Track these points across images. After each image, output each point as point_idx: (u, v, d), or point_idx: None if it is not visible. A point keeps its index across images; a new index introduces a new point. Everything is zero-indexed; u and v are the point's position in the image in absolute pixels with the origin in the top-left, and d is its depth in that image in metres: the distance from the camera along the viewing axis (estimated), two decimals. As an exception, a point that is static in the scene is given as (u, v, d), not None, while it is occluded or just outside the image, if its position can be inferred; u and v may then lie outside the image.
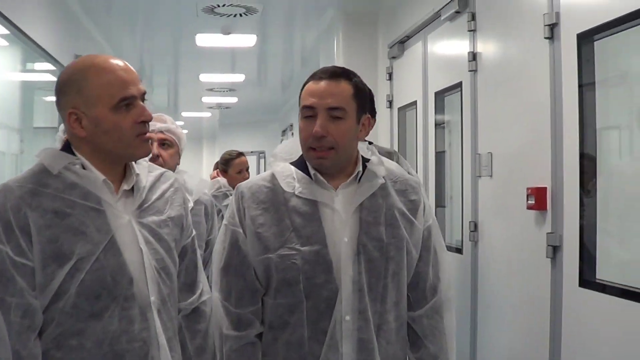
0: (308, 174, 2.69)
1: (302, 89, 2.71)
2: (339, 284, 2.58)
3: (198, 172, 22.34)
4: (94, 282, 2.30)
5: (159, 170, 2.65)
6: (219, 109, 18.39)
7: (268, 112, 18.40)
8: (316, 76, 2.67)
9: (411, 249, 2.71)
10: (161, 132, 3.99)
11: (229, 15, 8.27)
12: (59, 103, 2.41)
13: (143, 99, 2.43)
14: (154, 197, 2.53)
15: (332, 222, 2.62)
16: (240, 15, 8.25)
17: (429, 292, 2.78)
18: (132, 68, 2.43)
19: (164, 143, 4.01)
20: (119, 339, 2.32)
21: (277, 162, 2.81)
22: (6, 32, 5.61)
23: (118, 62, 2.41)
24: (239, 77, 12.95)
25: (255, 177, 2.82)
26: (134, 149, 2.41)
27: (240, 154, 6.70)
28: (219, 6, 7.88)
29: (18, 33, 5.85)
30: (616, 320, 3.40)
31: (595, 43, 3.61)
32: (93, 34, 9.00)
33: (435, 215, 6.03)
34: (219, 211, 5.82)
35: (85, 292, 2.29)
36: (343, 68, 2.74)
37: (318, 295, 2.58)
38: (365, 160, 2.77)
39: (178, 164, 4.14)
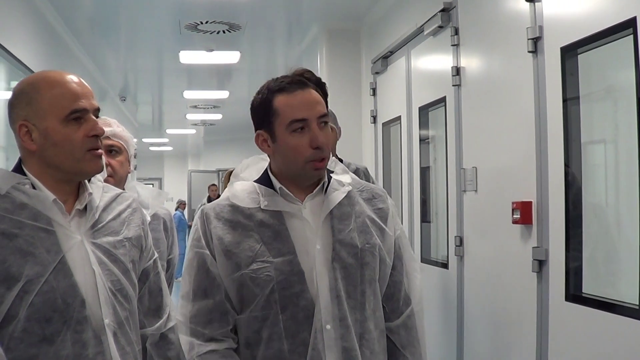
0: (272, 189, 2.64)
1: (271, 102, 2.61)
2: (316, 293, 2.52)
3: (183, 188, 22.30)
4: (44, 305, 2.18)
5: (116, 190, 2.55)
6: (203, 126, 18.37)
7: (252, 129, 18.34)
8: (290, 86, 2.56)
9: (384, 257, 2.67)
10: (107, 137, 3.37)
11: (212, 32, 8.27)
12: (10, 117, 2.32)
13: (96, 115, 2.34)
14: (109, 217, 2.42)
15: (302, 232, 2.58)
16: (224, 32, 8.25)
17: (403, 302, 2.73)
18: (85, 83, 2.35)
19: (111, 150, 3.52)
20: None
21: (238, 181, 2.77)
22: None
23: (71, 76, 2.33)
24: (223, 94, 12.93)
25: (217, 199, 2.75)
26: (84, 164, 2.31)
27: None
28: (202, 23, 7.88)
29: (2, 51, 5.83)
30: (603, 334, 3.39)
31: (579, 56, 3.62)
32: (77, 52, 8.99)
33: (421, 230, 6.05)
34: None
35: (36, 316, 2.17)
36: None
37: (295, 305, 2.52)
38: (330, 172, 2.74)
39: (129, 172, 3.69)
